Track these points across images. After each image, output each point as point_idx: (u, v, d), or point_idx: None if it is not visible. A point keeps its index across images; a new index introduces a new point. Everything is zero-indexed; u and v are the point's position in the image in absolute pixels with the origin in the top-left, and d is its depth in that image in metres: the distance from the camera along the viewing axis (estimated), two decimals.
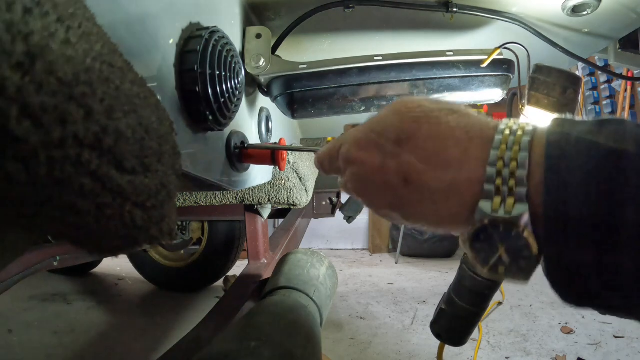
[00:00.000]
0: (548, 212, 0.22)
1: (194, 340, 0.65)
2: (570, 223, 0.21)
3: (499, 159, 0.24)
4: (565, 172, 0.21)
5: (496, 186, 0.24)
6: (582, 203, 0.21)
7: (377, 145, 0.29)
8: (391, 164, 0.28)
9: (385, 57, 0.60)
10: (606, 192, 0.20)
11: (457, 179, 0.25)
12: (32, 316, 1.52)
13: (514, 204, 0.23)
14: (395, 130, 0.28)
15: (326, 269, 0.78)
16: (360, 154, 0.30)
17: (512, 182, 0.23)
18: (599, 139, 0.21)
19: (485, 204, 0.24)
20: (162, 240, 0.27)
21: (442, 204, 0.26)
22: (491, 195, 0.24)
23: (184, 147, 0.36)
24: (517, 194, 0.23)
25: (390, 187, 0.28)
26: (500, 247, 0.24)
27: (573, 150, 0.22)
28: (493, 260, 0.24)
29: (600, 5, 0.60)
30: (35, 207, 0.19)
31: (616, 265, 0.20)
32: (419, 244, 2.63)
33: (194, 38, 0.39)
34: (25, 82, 0.16)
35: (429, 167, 0.26)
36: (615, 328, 1.37)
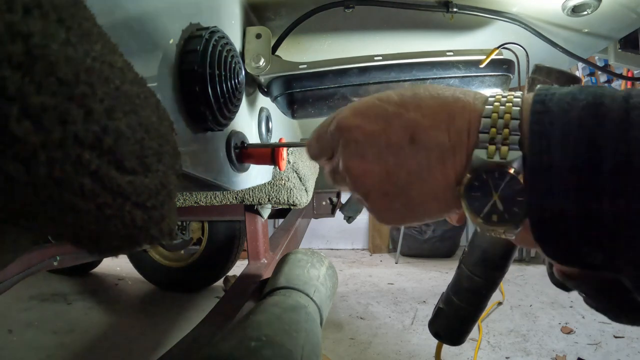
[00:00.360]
0: (532, 161, 0.23)
1: (194, 340, 0.65)
2: (552, 170, 0.22)
3: (493, 112, 0.25)
4: (547, 124, 0.23)
5: (491, 136, 0.25)
6: (562, 150, 0.22)
7: (379, 107, 0.28)
8: (396, 123, 0.27)
9: (385, 57, 0.60)
10: (584, 139, 0.21)
11: (460, 132, 0.26)
12: (32, 316, 1.52)
13: (508, 151, 0.24)
14: (398, 95, 0.29)
15: (326, 269, 0.78)
16: (359, 119, 0.29)
17: (506, 132, 0.24)
18: (579, 96, 0.23)
19: (481, 152, 0.25)
20: (162, 240, 0.27)
21: (449, 160, 0.26)
22: (486, 144, 0.25)
23: (184, 147, 0.36)
24: (511, 141, 0.24)
25: (394, 148, 0.27)
26: (495, 194, 0.25)
27: (555, 106, 0.23)
28: (487, 207, 0.25)
29: (600, 5, 0.60)
30: (35, 207, 0.19)
31: (596, 213, 0.21)
32: (419, 244, 2.64)
33: (194, 38, 0.39)
34: (25, 82, 0.16)
35: (434, 122, 0.26)
36: (615, 328, 1.37)
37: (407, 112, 0.27)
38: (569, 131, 0.22)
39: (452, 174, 0.26)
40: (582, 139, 0.21)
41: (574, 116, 0.22)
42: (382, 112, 0.28)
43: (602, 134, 0.21)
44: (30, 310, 1.59)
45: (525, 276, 2.08)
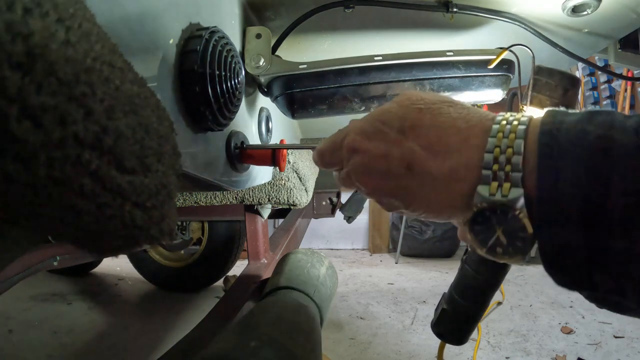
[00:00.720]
0: (541, 195, 0.23)
1: (194, 340, 0.65)
2: (561, 205, 0.22)
3: (496, 147, 0.25)
4: (556, 158, 0.23)
5: (493, 172, 0.25)
6: (571, 186, 0.22)
7: (382, 133, 0.30)
8: (395, 152, 0.29)
9: (385, 57, 0.60)
10: (594, 175, 0.21)
11: (457, 166, 0.27)
12: (32, 316, 1.52)
13: (510, 188, 0.24)
14: (399, 119, 0.30)
15: (326, 269, 0.78)
16: (366, 143, 0.31)
17: (508, 168, 0.25)
18: (588, 127, 0.23)
19: (483, 189, 0.25)
20: (162, 240, 0.27)
21: (443, 191, 0.27)
22: (488, 180, 0.25)
23: (184, 147, 0.36)
24: (513, 178, 0.24)
25: (394, 174, 0.29)
26: (498, 229, 0.25)
27: (564, 138, 0.23)
28: (491, 241, 0.26)
29: (600, 5, 0.60)
30: (35, 207, 0.19)
31: (605, 246, 0.21)
32: (419, 244, 2.64)
33: (194, 38, 0.39)
34: (25, 82, 0.16)
35: (430, 154, 0.28)
36: (615, 328, 1.37)
37: (406, 141, 0.29)
38: (577, 167, 0.22)
39: (448, 200, 0.28)
40: (590, 176, 0.21)
41: (583, 151, 0.22)
42: (384, 137, 0.30)
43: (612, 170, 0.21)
44: (30, 310, 1.59)
45: (525, 276, 2.08)
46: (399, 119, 0.30)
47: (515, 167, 0.24)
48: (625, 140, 0.21)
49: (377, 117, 0.31)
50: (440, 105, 0.29)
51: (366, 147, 0.31)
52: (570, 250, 0.22)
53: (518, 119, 0.26)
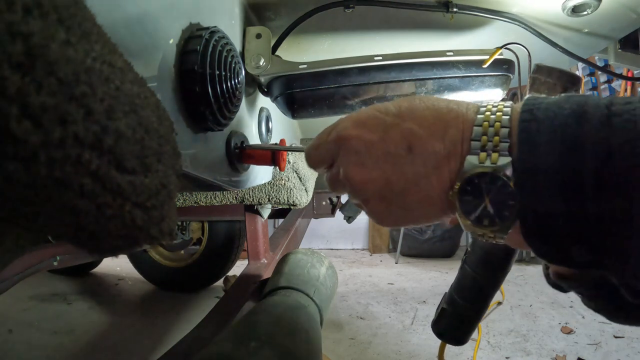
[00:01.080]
0: (522, 164, 0.24)
1: (194, 340, 0.65)
2: (538, 172, 0.23)
3: (484, 121, 0.27)
4: (534, 131, 0.24)
5: (482, 143, 0.26)
6: (548, 154, 0.23)
7: (377, 119, 0.30)
8: (393, 133, 0.29)
9: (385, 57, 0.60)
10: (567, 143, 0.23)
11: (454, 141, 0.27)
12: (32, 316, 1.52)
13: (499, 157, 0.25)
14: (395, 106, 0.30)
15: (326, 269, 0.78)
16: (358, 129, 0.30)
17: (496, 139, 0.26)
18: (564, 104, 0.24)
19: (472, 158, 0.26)
20: (162, 240, 0.27)
21: (444, 169, 0.28)
22: (477, 150, 0.26)
23: (184, 147, 0.36)
24: (501, 148, 0.26)
25: (392, 157, 0.29)
26: (486, 197, 0.26)
27: (542, 114, 0.25)
28: (479, 211, 0.26)
29: (600, 5, 0.60)
30: (35, 207, 0.19)
31: (582, 212, 0.22)
32: (419, 244, 2.64)
33: (194, 38, 0.39)
34: (25, 82, 0.16)
35: (430, 131, 0.28)
36: (615, 328, 1.37)
37: (404, 123, 0.29)
38: (553, 136, 0.23)
39: (447, 180, 0.28)
40: (565, 143, 0.23)
41: (558, 123, 0.24)
42: (381, 122, 0.30)
43: (585, 138, 0.22)
44: (30, 310, 1.59)
45: (525, 276, 2.08)
46: (395, 105, 0.30)
47: (503, 137, 0.26)
48: (597, 112, 0.23)
49: (371, 107, 0.31)
50: (431, 98, 0.30)
51: (358, 132, 0.30)
52: (549, 218, 0.23)
53: (503, 104, 0.28)
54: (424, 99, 0.30)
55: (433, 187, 0.28)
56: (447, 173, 0.27)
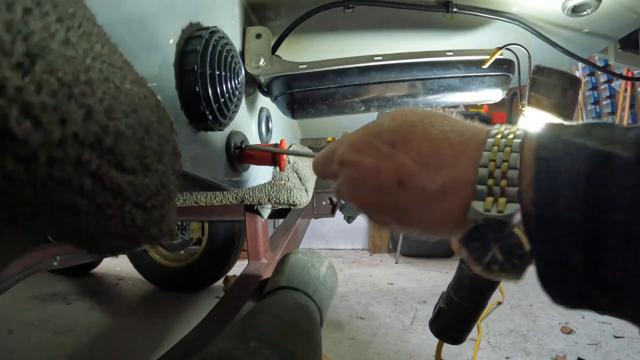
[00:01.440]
0: (538, 212, 0.22)
1: (194, 340, 0.65)
2: (559, 222, 0.22)
3: (490, 160, 0.24)
4: (554, 173, 0.22)
5: (488, 187, 0.24)
6: (570, 202, 0.21)
7: (373, 147, 0.29)
8: (386, 166, 0.28)
9: (385, 57, 0.60)
10: (593, 192, 0.21)
11: (450, 180, 0.26)
12: (32, 316, 1.52)
13: (506, 204, 0.24)
14: (391, 133, 0.29)
15: (326, 269, 0.78)
16: (356, 156, 0.30)
17: (503, 183, 0.24)
18: (587, 141, 0.22)
19: (477, 204, 0.24)
20: (162, 240, 0.27)
21: (436, 206, 0.27)
22: (484, 195, 0.24)
23: (184, 147, 0.36)
24: (509, 193, 0.24)
25: (385, 189, 0.28)
26: (493, 246, 0.24)
27: (562, 152, 0.22)
28: (487, 259, 0.25)
29: (600, 5, 0.60)
30: (35, 207, 0.19)
31: (604, 264, 0.21)
32: (419, 244, 2.63)
33: (194, 38, 0.39)
34: (25, 82, 0.16)
35: (423, 168, 0.27)
36: (615, 328, 1.37)
37: (397, 155, 0.28)
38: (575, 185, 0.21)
39: (440, 217, 0.27)
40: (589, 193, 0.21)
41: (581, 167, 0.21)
42: (375, 152, 0.29)
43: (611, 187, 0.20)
44: (30, 310, 1.59)
45: (526, 276, 2.08)
46: (391, 133, 0.29)
47: (511, 181, 0.24)
48: (625, 154, 0.21)
49: (369, 130, 0.31)
50: (432, 119, 0.28)
51: (356, 160, 0.30)
52: (568, 269, 0.22)
53: (513, 132, 0.25)
54: (426, 123, 0.28)
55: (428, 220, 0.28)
56: (439, 211, 0.27)
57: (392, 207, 0.28)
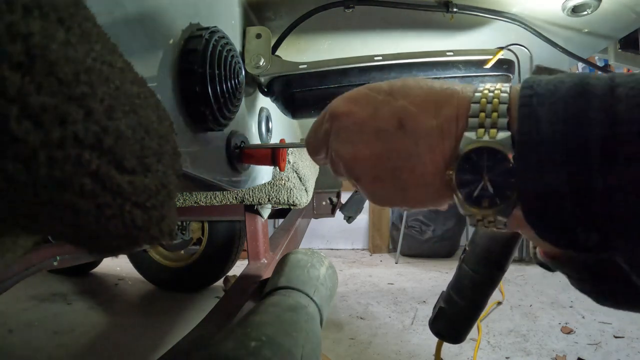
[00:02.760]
0: (521, 139, 0.23)
1: (194, 340, 0.65)
2: (541, 147, 0.22)
3: (482, 98, 0.26)
4: (535, 105, 0.23)
5: (480, 120, 0.25)
6: (550, 127, 0.22)
7: (368, 96, 0.29)
8: (384, 110, 0.28)
9: (385, 57, 0.60)
10: (571, 115, 0.22)
11: (449, 118, 0.26)
12: (32, 316, 1.52)
13: (497, 132, 0.24)
14: (387, 84, 0.30)
15: (326, 269, 0.78)
16: (350, 105, 0.30)
17: (494, 115, 0.25)
18: (565, 79, 0.23)
19: (470, 134, 0.25)
20: (162, 240, 0.27)
21: (437, 145, 0.26)
22: (475, 126, 0.25)
23: (184, 147, 0.36)
24: (499, 124, 0.24)
25: (383, 134, 0.28)
26: (485, 175, 0.25)
27: (543, 89, 0.24)
28: (477, 191, 0.25)
29: (600, 5, 0.60)
30: (35, 207, 0.19)
31: (588, 187, 0.21)
32: (419, 244, 2.63)
33: (194, 38, 0.39)
34: (25, 82, 0.16)
35: (422, 109, 0.27)
36: (615, 328, 1.37)
37: (395, 100, 0.28)
38: (556, 109, 0.22)
39: (441, 160, 0.26)
40: (569, 115, 0.22)
41: (560, 95, 0.23)
42: (372, 100, 0.29)
43: (589, 108, 0.21)
44: (30, 310, 1.59)
45: (525, 276, 2.08)
46: (387, 84, 0.29)
47: (502, 113, 0.25)
48: (600, 84, 0.22)
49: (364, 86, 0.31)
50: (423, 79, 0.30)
51: (350, 109, 0.29)
52: (553, 195, 0.22)
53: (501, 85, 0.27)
54: (418, 79, 0.29)
55: (426, 167, 0.27)
56: (440, 152, 0.26)
57: (391, 155, 0.28)
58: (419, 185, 0.28)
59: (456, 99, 0.27)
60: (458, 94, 0.27)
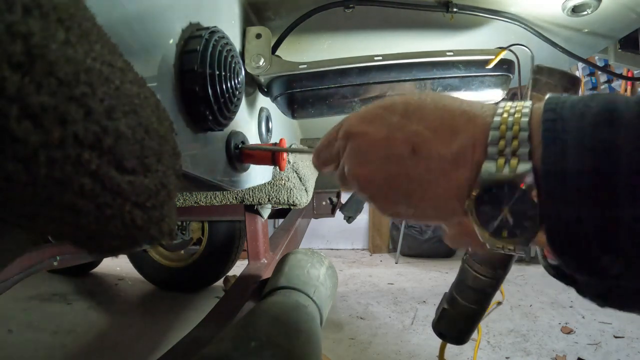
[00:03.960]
0: (547, 167, 0.22)
1: (194, 340, 0.65)
2: (567, 176, 0.21)
3: (501, 124, 0.25)
4: (560, 131, 0.22)
5: (499, 148, 0.24)
6: (577, 155, 0.21)
7: (383, 118, 0.29)
8: (398, 134, 0.28)
9: (385, 57, 0.60)
10: (600, 143, 0.21)
11: (464, 145, 0.26)
12: (32, 316, 1.52)
13: (518, 164, 0.24)
14: (403, 104, 0.29)
15: (326, 269, 0.78)
16: (364, 126, 0.29)
17: (515, 143, 0.24)
18: (591, 103, 0.23)
19: (489, 165, 0.24)
20: (162, 241, 0.27)
21: (451, 174, 0.26)
22: (495, 157, 0.24)
23: (184, 147, 0.36)
24: (520, 153, 0.24)
25: (396, 158, 0.27)
26: (504, 208, 0.24)
27: (568, 113, 0.23)
28: (497, 222, 0.25)
29: (600, 5, 0.60)
30: (35, 207, 0.19)
31: (616, 218, 0.20)
32: (419, 244, 2.64)
33: (194, 38, 0.39)
34: (25, 82, 0.16)
35: (436, 135, 0.27)
36: (615, 328, 1.37)
37: (410, 124, 0.28)
38: (582, 136, 0.21)
39: (455, 187, 0.26)
40: (597, 143, 0.21)
41: (587, 122, 0.22)
42: (386, 122, 0.29)
43: (618, 137, 0.21)
44: (30, 310, 1.59)
45: (525, 276, 2.08)
46: (402, 104, 0.29)
47: (523, 142, 0.24)
48: (629, 109, 0.21)
49: (379, 104, 0.30)
50: (440, 96, 0.29)
51: (365, 130, 0.29)
52: (578, 225, 0.21)
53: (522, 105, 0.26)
54: (435, 98, 0.28)
55: (438, 193, 0.27)
56: (454, 180, 0.26)
57: (403, 179, 0.27)
58: (429, 207, 0.28)
59: (473, 125, 0.26)
60: (476, 119, 0.26)
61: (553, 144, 0.22)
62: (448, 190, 0.26)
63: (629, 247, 0.21)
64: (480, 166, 0.25)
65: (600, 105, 0.22)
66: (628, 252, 0.21)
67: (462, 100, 0.28)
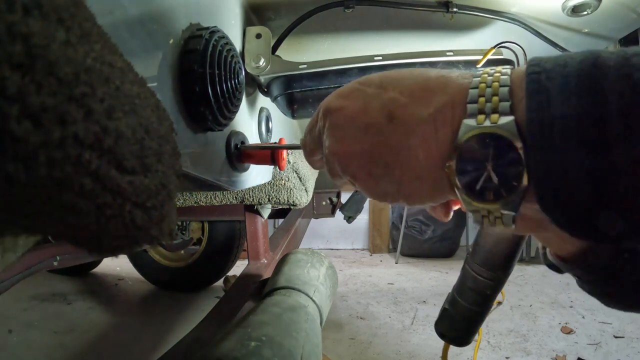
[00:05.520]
0: (530, 116, 0.21)
1: (194, 340, 0.65)
2: (554, 124, 0.20)
3: (481, 82, 0.24)
4: (545, 80, 0.21)
5: (479, 106, 0.23)
6: (563, 102, 0.20)
7: (359, 90, 0.28)
8: (374, 103, 0.27)
9: (385, 57, 0.60)
10: (586, 88, 0.20)
11: (444, 105, 0.24)
12: (32, 316, 1.52)
13: (499, 118, 0.22)
14: (379, 77, 0.28)
15: (326, 269, 0.78)
16: (341, 101, 0.29)
17: (495, 100, 0.22)
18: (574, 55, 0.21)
19: (470, 120, 0.23)
20: (162, 240, 0.27)
21: (430, 138, 0.24)
22: (475, 112, 0.23)
23: (184, 147, 0.36)
24: (501, 108, 0.22)
25: (373, 128, 0.26)
26: (488, 165, 0.22)
27: (551, 64, 0.21)
28: (480, 183, 0.23)
29: (600, 5, 0.60)
30: (35, 207, 0.19)
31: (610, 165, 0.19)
32: (419, 244, 2.64)
33: (194, 38, 0.39)
34: (25, 82, 0.16)
35: (412, 98, 0.26)
36: (615, 328, 1.37)
37: (385, 92, 0.27)
38: (568, 82, 0.20)
39: (436, 152, 0.24)
40: (583, 87, 0.20)
41: (572, 68, 0.20)
42: (362, 93, 0.28)
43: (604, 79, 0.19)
44: (30, 310, 1.59)
45: (525, 276, 2.08)
46: (378, 77, 0.28)
47: (503, 97, 0.22)
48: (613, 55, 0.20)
49: (355, 80, 0.30)
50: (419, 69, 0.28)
51: (341, 104, 0.28)
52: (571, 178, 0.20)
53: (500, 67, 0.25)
54: (413, 70, 0.28)
55: (419, 160, 0.25)
56: (434, 143, 0.24)
57: (383, 149, 0.26)
58: (413, 179, 0.26)
59: (451, 86, 0.25)
60: (454, 80, 0.25)
61: (537, 93, 0.21)
62: (429, 155, 0.25)
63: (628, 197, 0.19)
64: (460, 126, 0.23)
65: (584, 53, 0.21)
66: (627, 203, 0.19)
67: (439, 69, 0.27)
